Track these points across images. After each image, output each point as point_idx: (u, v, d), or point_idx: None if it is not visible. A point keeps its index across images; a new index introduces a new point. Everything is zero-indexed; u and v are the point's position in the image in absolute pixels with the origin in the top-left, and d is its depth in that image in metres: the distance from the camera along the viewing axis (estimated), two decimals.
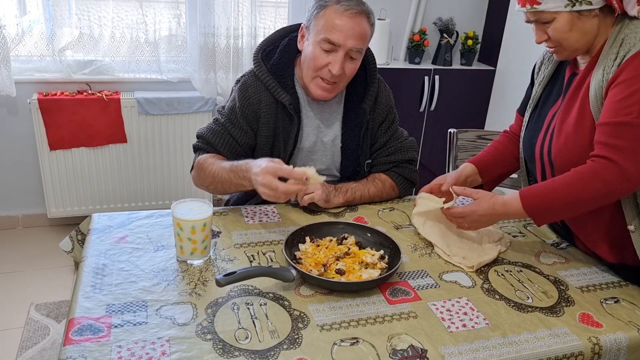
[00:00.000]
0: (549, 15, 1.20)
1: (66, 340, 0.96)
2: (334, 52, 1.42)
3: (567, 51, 1.26)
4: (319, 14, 1.42)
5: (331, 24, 1.40)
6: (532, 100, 1.47)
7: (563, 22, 1.20)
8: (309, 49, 1.45)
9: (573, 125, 1.26)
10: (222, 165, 1.44)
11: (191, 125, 2.87)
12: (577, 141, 1.25)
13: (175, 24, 2.78)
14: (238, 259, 1.26)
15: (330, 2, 1.42)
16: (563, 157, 1.28)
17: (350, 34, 1.40)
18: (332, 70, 1.43)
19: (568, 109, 1.30)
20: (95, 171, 2.79)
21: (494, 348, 1.01)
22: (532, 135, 1.42)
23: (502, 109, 3.14)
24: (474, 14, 3.32)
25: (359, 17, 1.41)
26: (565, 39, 1.22)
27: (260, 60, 1.53)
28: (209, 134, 1.53)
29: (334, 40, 1.40)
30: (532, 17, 1.24)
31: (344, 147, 1.57)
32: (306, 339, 1.00)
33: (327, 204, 1.50)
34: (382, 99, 1.61)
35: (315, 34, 1.43)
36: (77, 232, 1.41)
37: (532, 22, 1.26)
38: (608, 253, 1.31)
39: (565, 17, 1.19)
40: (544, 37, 1.26)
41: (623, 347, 1.07)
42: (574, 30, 1.21)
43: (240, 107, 1.51)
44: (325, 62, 1.43)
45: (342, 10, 1.40)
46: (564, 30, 1.21)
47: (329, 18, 1.41)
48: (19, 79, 2.62)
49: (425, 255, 1.33)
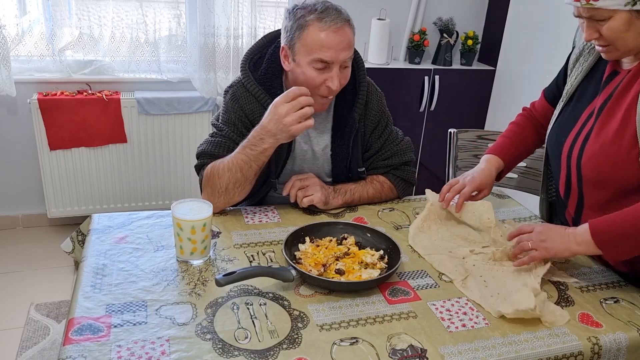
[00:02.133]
0: (605, 13, 1.12)
1: (66, 340, 0.96)
2: (327, 69, 1.38)
3: (619, 51, 1.18)
4: (302, 33, 1.36)
5: (319, 44, 1.35)
6: (565, 94, 1.39)
7: (620, 21, 1.11)
8: (300, 70, 1.40)
9: (613, 133, 1.19)
10: (232, 154, 1.40)
11: (191, 125, 2.87)
12: (613, 151, 1.19)
13: (175, 24, 2.78)
14: (238, 259, 1.26)
15: (310, 19, 1.35)
16: (594, 164, 1.23)
17: (340, 48, 1.36)
18: (332, 87, 1.40)
19: (611, 114, 1.22)
20: (95, 171, 2.80)
21: (494, 348, 1.01)
22: (561, 133, 1.35)
23: (502, 109, 3.14)
24: (474, 14, 3.32)
25: (342, 28, 1.36)
26: (621, 38, 1.14)
27: (247, 70, 1.49)
28: (211, 147, 1.47)
29: (326, 59, 1.36)
30: (585, 14, 1.15)
31: (334, 155, 1.55)
32: (306, 339, 1.00)
33: (326, 205, 1.50)
34: (372, 104, 1.57)
35: (304, 55, 1.38)
36: (78, 232, 1.41)
37: (583, 18, 1.17)
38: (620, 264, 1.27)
39: (623, 16, 1.11)
40: (594, 35, 1.17)
41: (622, 347, 1.07)
42: (631, 31, 1.12)
43: (236, 116, 1.48)
44: (321, 80, 1.39)
45: (327, 27, 1.34)
46: (620, 29, 1.12)
47: (314, 37, 1.35)
48: (19, 79, 2.62)
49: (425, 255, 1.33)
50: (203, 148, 1.49)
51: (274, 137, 1.34)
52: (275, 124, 1.32)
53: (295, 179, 1.49)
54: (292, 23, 1.38)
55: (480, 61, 3.36)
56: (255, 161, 1.37)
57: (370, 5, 3.06)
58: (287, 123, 1.30)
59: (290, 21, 1.39)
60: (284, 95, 1.32)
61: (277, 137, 1.34)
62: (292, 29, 1.38)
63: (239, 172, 1.38)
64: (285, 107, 1.30)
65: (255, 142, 1.36)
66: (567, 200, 1.39)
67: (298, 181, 1.48)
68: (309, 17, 1.36)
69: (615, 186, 1.22)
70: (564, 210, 1.43)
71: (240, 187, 1.41)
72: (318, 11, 1.35)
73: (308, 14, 1.36)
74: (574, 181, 1.32)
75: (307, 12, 1.36)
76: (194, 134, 2.87)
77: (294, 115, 1.30)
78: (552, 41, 2.65)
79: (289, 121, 1.30)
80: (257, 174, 1.41)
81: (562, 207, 1.45)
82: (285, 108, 1.30)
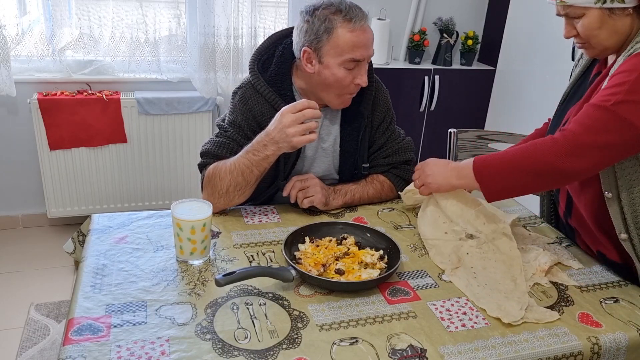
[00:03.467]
0: (578, 11, 1.16)
1: (66, 340, 0.96)
2: (357, 67, 1.40)
3: (596, 49, 1.22)
4: (331, 35, 1.36)
5: (351, 44, 1.36)
6: (562, 96, 1.43)
7: (592, 18, 1.16)
8: (328, 72, 1.40)
9: None
10: (235, 157, 1.40)
11: (191, 125, 2.86)
12: None
13: (175, 24, 2.78)
14: (238, 259, 1.26)
15: (337, 20, 1.35)
16: None
17: (369, 45, 1.40)
18: (362, 84, 1.42)
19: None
20: (95, 171, 2.80)
21: (493, 348, 1.01)
22: (552, 131, 1.39)
23: (502, 109, 3.14)
24: (474, 14, 3.32)
25: (367, 26, 1.39)
26: (594, 36, 1.18)
27: (257, 71, 1.49)
28: (214, 147, 1.47)
29: (359, 58, 1.38)
30: (561, 11, 1.20)
31: (343, 151, 1.56)
32: (305, 339, 1.00)
33: (327, 206, 1.50)
34: (380, 100, 1.59)
35: (335, 57, 1.38)
36: (79, 233, 1.41)
37: (562, 16, 1.22)
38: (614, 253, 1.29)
39: (595, 14, 1.15)
40: (572, 32, 1.22)
41: (622, 347, 1.07)
42: (603, 28, 1.16)
43: (244, 118, 1.48)
44: (350, 79, 1.41)
45: (357, 27, 1.36)
46: (592, 27, 1.16)
47: (345, 38, 1.36)
48: (19, 79, 2.62)
49: (424, 255, 1.32)
50: (207, 148, 1.49)
51: (276, 145, 1.34)
52: (278, 133, 1.32)
53: (295, 179, 1.49)
54: (317, 26, 1.37)
55: (480, 61, 3.36)
56: (257, 167, 1.37)
57: (370, 5, 3.06)
58: (289, 134, 1.30)
59: (314, 24, 1.37)
60: (291, 105, 1.32)
61: (280, 146, 1.33)
62: (318, 32, 1.37)
63: (240, 175, 1.38)
64: (290, 117, 1.30)
65: (258, 148, 1.36)
66: (557, 196, 1.43)
67: (298, 182, 1.48)
68: (336, 19, 1.36)
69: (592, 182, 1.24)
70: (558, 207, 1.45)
71: (240, 190, 1.41)
72: (344, 12, 1.36)
73: (333, 15, 1.36)
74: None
75: (331, 14, 1.36)
76: (194, 134, 2.87)
77: (297, 127, 1.30)
78: (552, 41, 2.65)
79: (291, 132, 1.30)
80: (258, 179, 1.41)
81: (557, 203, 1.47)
82: (290, 118, 1.30)
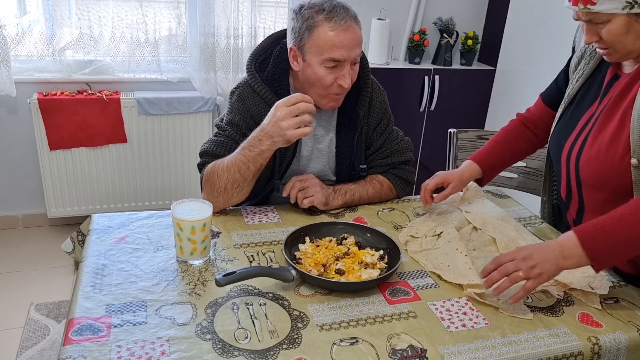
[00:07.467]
0: (604, 17, 1.13)
1: (66, 340, 0.96)
2: (338, 68, 1.40)
3: (620, 54, 1.19)
4: (312, 34, 1.37)
5: (330, 43, 1.36)
6: (567, 97, 1.40)
7: (619, 24, 1.12)
8: (310, 70, 1.41)
9: (609, 137, 1.20)
10: (232, 155, 1.41)
11: (191, 125, 2.86)
12: (610, 154, 1.19)
13: (175, 24, 2.78)
14: (238, 259, 1.26)
15: (319, 19, 1.36)
16: (591, 167, 1.23)
17: (350, 46, 1.38)
18: (344, 85, 1.41)
19: (609, 117, 1.22)
20: (95, 171, 2.79)
21: (494, 348, 1.01)
22: (561, 136, 1.36)
23: (502, 109, 3.13)
24: (474, 14, 3.32)
25: (352, 27, 1.38)
26: (620, 41, 1.15)
27: (254, 71, 1.50)
28: (213, 147, 1.48)
29: (338, 58, 1.37)
30: (584, 17, 1.16)
31: (339, 152, 1.56)
32: (306, 339, 1.00)
33: (327, 206, 1.50)
34: (376, 102, 1.58)
35: (315, 55, 1.38)
36: (78, 232, 1.41)
37: (583, 22, 1.18)
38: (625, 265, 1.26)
39: (621, 20, 1.12)
40: (594, 38, 1.18)
41: (622, 347, 1.07)
42: (630, 33, 1.13)
43: (241, 117, 1.49)
44: (332, 79, 1.41)
45: (337, 26, 1.36)
46: (619, 32, 1.13)
47: (325, 37, 1.36)
48: (19, 79, 2.62)
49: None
50: (206, 147, 1.50)
51: (271, 140, 1.33)
52: (272, 126, 1.32)
53: (295, 180, 1.49)
54: (300, 24, 1.38)
55: (480, 61, 3.36)
56: (253, 162, 1.37)
57: (370, 5, 3.06)
58: (283, 127, 1.30)
59: (298, 22, 1.39)
60: (285, 99, 1.32)
61: (274, 140, 1.33)
62: (300, 30, 1.38)
63: (237, 172, 1.38)
64: (284, 110, 1.30)
65: (253, 143, 1.36)
66: (568, 202, 1.40)
67: (298, 182, 1.48)
68: (318, 17, 1.36)
69: (612, 189, 1.22)
70: (566, 213, 1.43)
71: (238, 187, 1.40)
72: (326, 11, 1.36)
73: (316, 14, 1.37)
74: (573, 184, 1.32)
75: (315, 12, 1.37)
76: (194, 134, 2.87)
77: (291, 121, 1.30)
78: (552, 41, 2.65)
79: (285, 125, 1.30)
80: (255, 175, 1.40)
81: (565, 209, 1.45)
82: (284, 112, 1.30)
